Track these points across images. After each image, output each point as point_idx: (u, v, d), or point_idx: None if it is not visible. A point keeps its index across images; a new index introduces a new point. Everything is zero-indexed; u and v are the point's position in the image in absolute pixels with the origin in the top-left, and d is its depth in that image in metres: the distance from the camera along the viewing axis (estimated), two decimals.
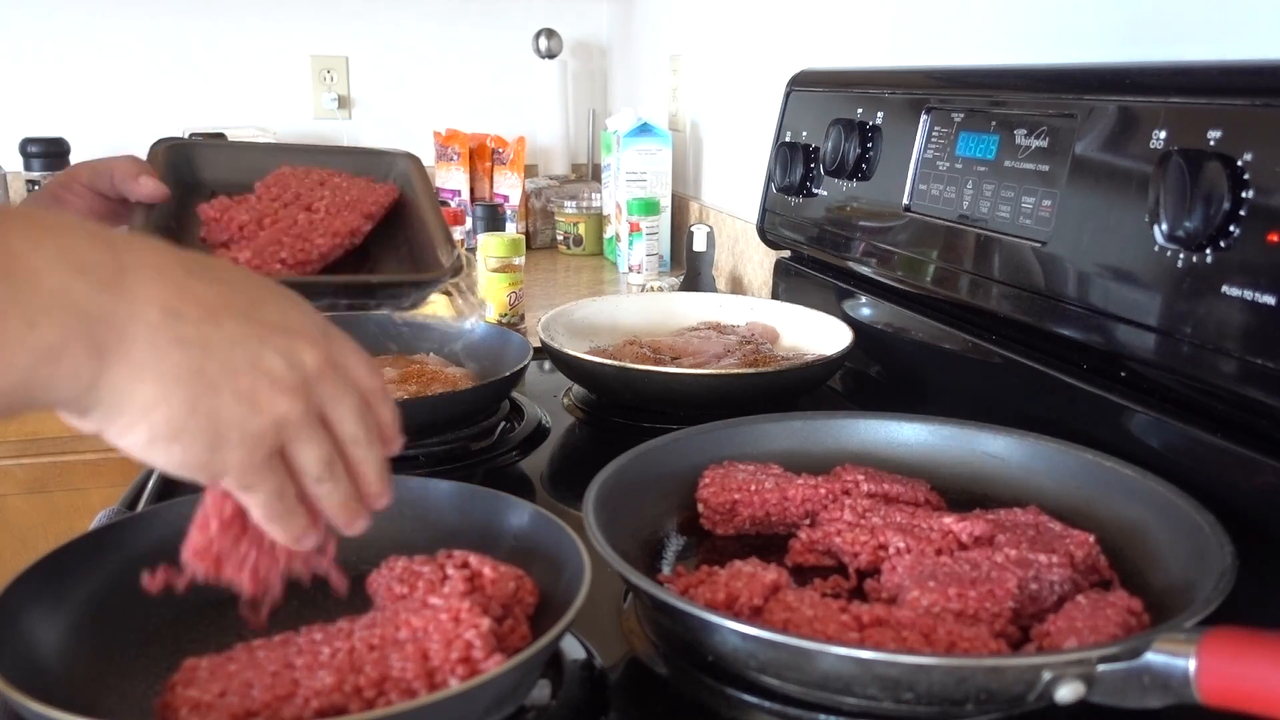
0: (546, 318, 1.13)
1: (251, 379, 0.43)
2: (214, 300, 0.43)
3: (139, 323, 0.40)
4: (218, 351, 0.42)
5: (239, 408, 0.43)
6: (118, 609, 0.60)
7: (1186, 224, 0.65)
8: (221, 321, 0.43)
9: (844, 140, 1.09)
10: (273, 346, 0.45)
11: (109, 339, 0.39)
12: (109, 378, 0.40)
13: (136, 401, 0.40)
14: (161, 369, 0.41)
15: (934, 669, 0.49)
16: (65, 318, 0.38)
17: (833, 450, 0.80)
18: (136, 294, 0.40)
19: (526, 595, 0.60)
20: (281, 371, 0.45)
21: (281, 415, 0.44)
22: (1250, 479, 0.65)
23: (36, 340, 0.37)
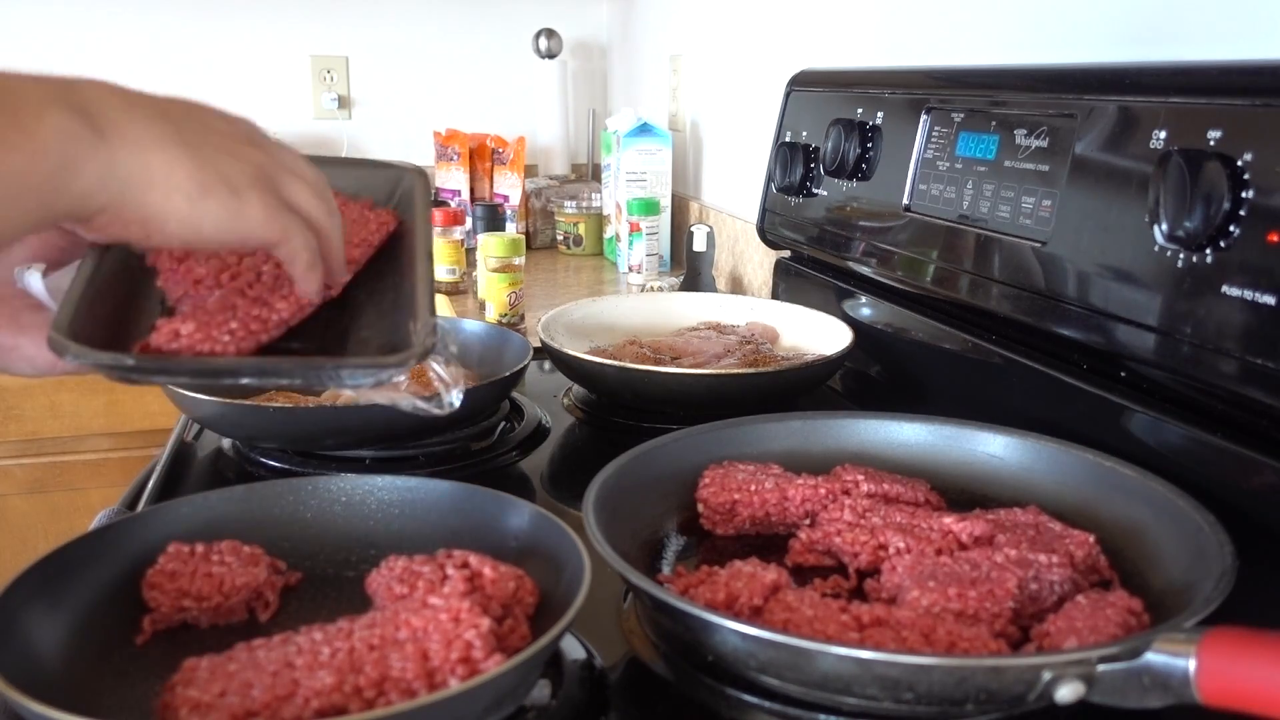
0: (546, 318, 1.13)
1: (218, 138, 0.49)
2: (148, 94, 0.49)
3: (112, 110, 0.45)
4: (181, 122, 0.47)
5: (226, 159, 0.48)
6: (118, 609, 0.60)
7: (1186, 224, 0.65)
8: (167, 103, 0.48)
9: (844, 140, 1.09)
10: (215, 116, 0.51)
11: (100, 121, 0.44)
12: (120, 155, 0.44)
13: (154, 170, 0.45)
14: (156, 139, 0.45)
15: (934, 669, 0.49)
16: (62, 108, 0.43)
17: (833, 450, 0.80)
18: (94, 91, 0.45)
19: (526, 595, 0.60)
20: (235, 132, 0.50)
21: (260, 161, 0.50)
22: (1250, 479, 0.65)
23: (53, 123, 0.42)
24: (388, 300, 0.60)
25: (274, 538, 0.68)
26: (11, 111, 0.42)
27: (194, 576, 0.62)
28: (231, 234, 0.48)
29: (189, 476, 0.91)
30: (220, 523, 0.67)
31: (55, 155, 0.42)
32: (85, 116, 0.44)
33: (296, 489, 0.71)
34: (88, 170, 0.44)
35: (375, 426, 0.90)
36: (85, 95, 0.45)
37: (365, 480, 0.71)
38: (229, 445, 0.97)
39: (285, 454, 0.93)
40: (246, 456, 0.94)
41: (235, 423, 0.91)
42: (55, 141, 0.42)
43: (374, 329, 0.59)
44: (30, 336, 0.56)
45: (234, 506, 0.69)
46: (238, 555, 0.64)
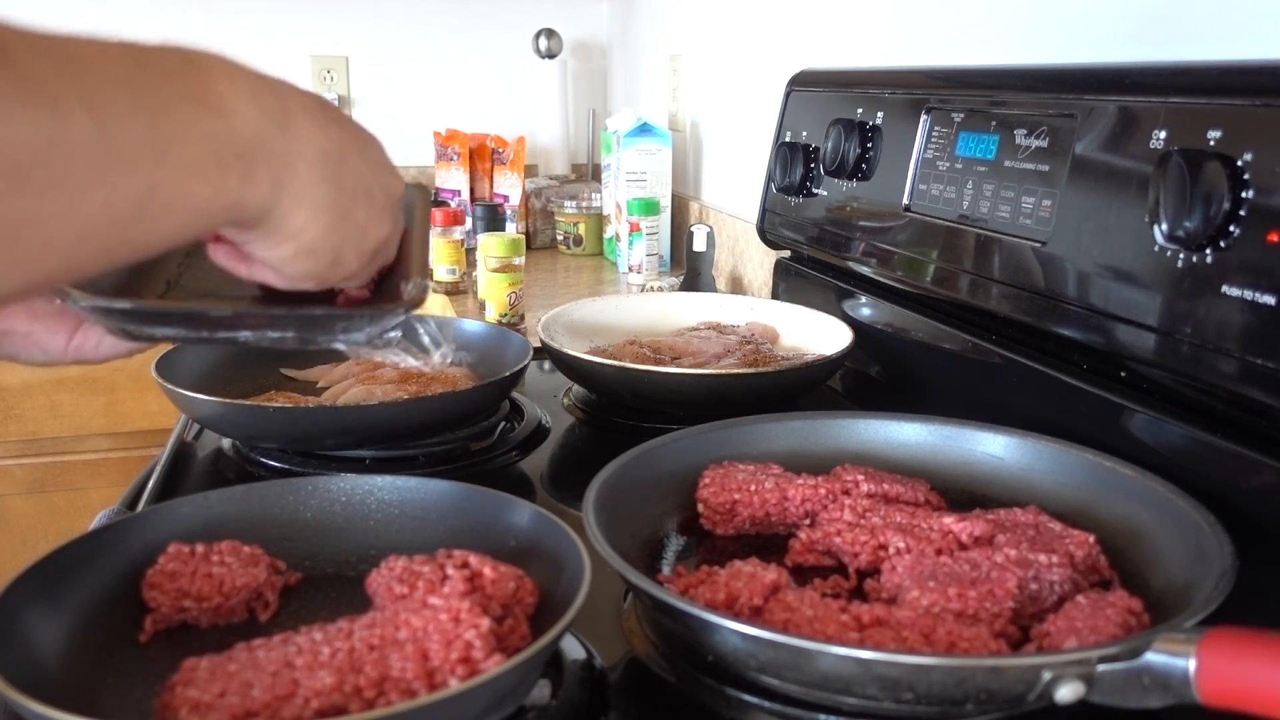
0: (546, 318, 1.13)
1: (366, 213, 0.52)
2: (346, 141, 0.51)
3: (301, 161, 0.47)
4: (349, 189, 0.50)
5: (357, 235, 0.52)
6: (118, 609, 0.60)
7: (1186, 224, 0.65)
8: (351, 161, 0.51)
9: (844, 140, 1.09)
10: (378, 184, 0.53)
11: (284, 172, 0.46)
12: (281, 204, 0.47)
13: (292, 224, 0.48)
14: (314, 200, 0.48)
15: (934, 669, 0.49)
16: (258, 154, 0.44)
17: (833, 450, 0.80)
18: (299, 134, 0.47)
19: (526, 595, 0.60)
20: (385, 204, 0.54)
21: (382, 236, 0.54)
22: (1250, 479, 0.65)
23: (245, 169, 0.44)
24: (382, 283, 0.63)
25: (274, 538, 0.68)
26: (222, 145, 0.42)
27: (194, 576, 0.62)
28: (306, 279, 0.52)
29: (189, 476, 0.91)
30: (220, 523, 0.67)
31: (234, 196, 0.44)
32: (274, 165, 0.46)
33: (296, 489, 0.71)
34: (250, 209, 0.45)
35: (375, 426, 0.90)
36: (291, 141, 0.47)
37: (365, 480, 0.71)
38: (229, 445, 0.97)
39: (285, 454, 0.93)
40: (246, 456, 0.94)
41: (235, 423, 0.91)
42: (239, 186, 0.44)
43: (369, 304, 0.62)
44: (44, 323, 0.58)
45: (234, 506, 0.69)
46: (238, 555, 0.64)
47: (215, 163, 0.42)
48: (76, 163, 0.36)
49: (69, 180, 0.36)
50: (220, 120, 0.43)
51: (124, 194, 0.39)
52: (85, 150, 0.36)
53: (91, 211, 0.38)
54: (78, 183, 0.37)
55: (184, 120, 0.41)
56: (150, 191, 0.39)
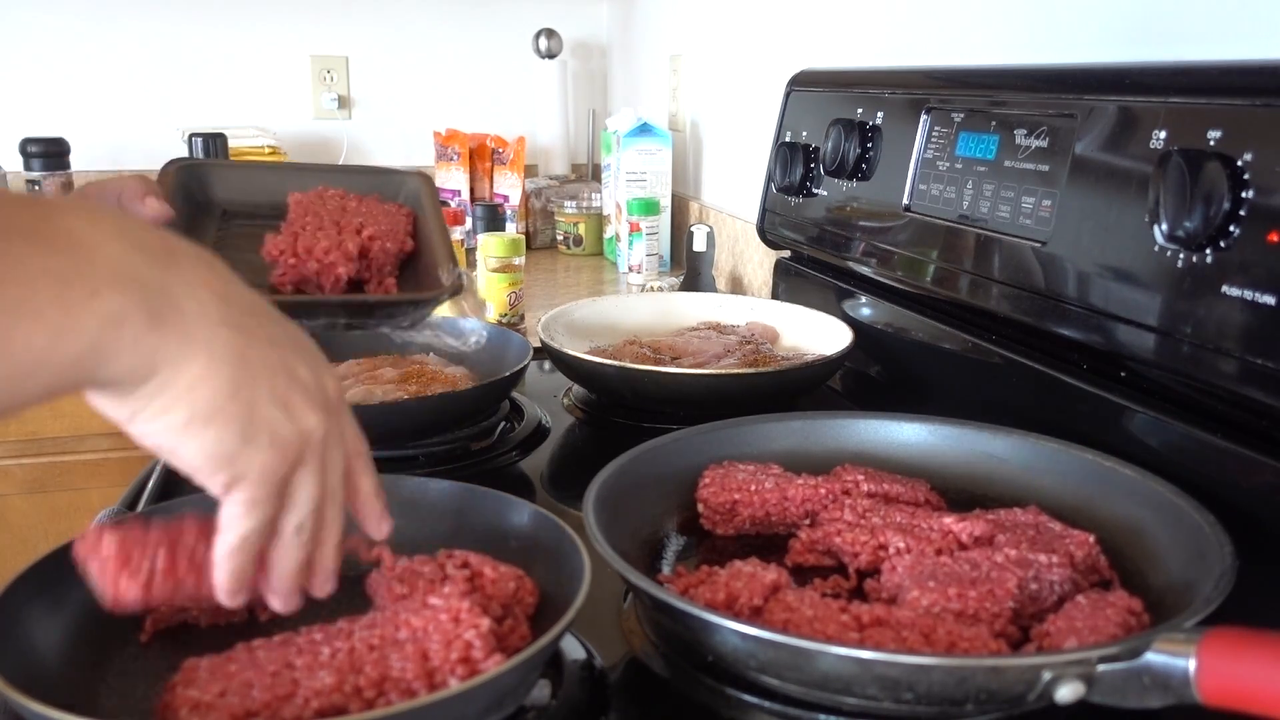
0: (546, 318, 1.13)
1: (287, 382, 0.44)
2: (253, 301, 0.44)
3: (191, 300, 0.40)
4: (259, 345, 0.42)
5: (273, 408, 0.43)
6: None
7: (1186, 224, 0.65)
8: (262, 321, 0.43)
9: (844, 140, 1.09)
10: (304, 362, 0.45)
11: (165, 310, 0.39)
12: (164, 350, 0.39)
13: (184, 377, 0.40)
14: (211, 346, 0.40)
15: (934, 669, 0.49)
16: (126, 287, 0.38)
17: (833, 450, 0.80)
18: (187, 274, 0.41)
19: (526, 595, 0.60)
20: (312, 387, 0.45)
21: (309, 429, 0.45)
22: (1250, 479, 0.65)
23: (101, 306, 0.37)
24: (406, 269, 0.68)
25: None
26: (62, 281, 0.36)
27: None
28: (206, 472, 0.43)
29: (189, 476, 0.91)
30: None
31: (88, 340, 0.37)
32: (151, 302, 0.39)
33: None
34: (121, 361, 0.38)
35: (375, 426, 0.89)
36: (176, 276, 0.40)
37: None
38: None
39: None
40: None
41: None
42: (96, 328, 0.37)
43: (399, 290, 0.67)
44: None
45: None
46: None
47: (55, 303, 0.36)
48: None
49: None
50: (64, 255, 0.37)
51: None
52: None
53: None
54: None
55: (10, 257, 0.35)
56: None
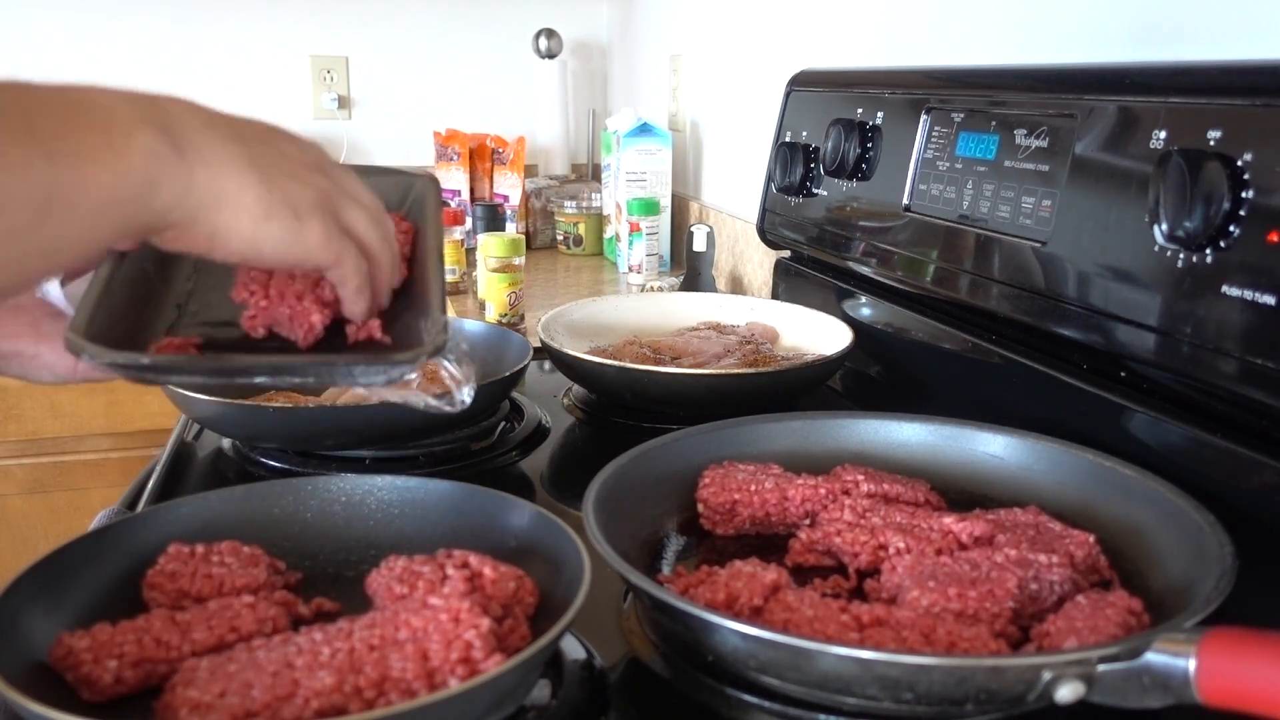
0: (546, 318, 1.13)
1: (287, 162, 0.51)
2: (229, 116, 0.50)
3: (193, 130, 0.47)
4: (255, 145, 0.49)
5: (293, 183, 0.50)
6: (118, 609, 0.60)
7: (1186, 224, 0.65)
8: (243, 125, 0.50)
9: (844, 140, 1.09)
10: (288, 140, 0.53)
11: (182, 142, 0.46)
12: (197, 175, 0.46)
13: (227, 192, 0.47)
14: (231, 161, 0.47)
15: (934, 669, 0.49)
16: (147, 128, 0.44)
17: (833, 450, 0.80)
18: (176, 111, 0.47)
19: (526, 595, 0.60)
20: (303, 157, 0.52)
21: (324, 187, 0.52)
22: (1250, 479, 0.65)
23: (139, 145, 0.44)
24: (399, 301, 0.61)
25: (274, 538, 0.68)
26: (104, 129, 0.43)
27: (194, 577, 0.62)
28: (290, 255, 0.51)
29: (189, 476, 0.91)
30: (220, 523, 0.67)
31: (141, 173, 0.44)
32: (169, 136, 0.45)
33: (296, 489, 0.71)
34: (168, 188, 0.45)
35: (375, 426, 0.90)
36: (170, 114, 0.47)
37: (365, 480, 0.71)
38: (229, 445, 0.97)
39: (285, 454, 0.93)
40: (246, 456, 0.94)
41: (235, 423, 0.91)
42: (142, 161, 0.44)
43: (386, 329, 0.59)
44: (50, 344, 0.58)
45: (234, 506, 0.69)
46: (237, 555, 0.64)
47: (107, 147, 0.43)
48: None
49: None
50: (95, 113, 0.43)
51: (19, 200, 0.39)
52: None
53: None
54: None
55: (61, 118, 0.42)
56: (48, 191, 0.40)
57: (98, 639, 0.54)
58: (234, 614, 0.58)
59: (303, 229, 0.50)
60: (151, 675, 0.54)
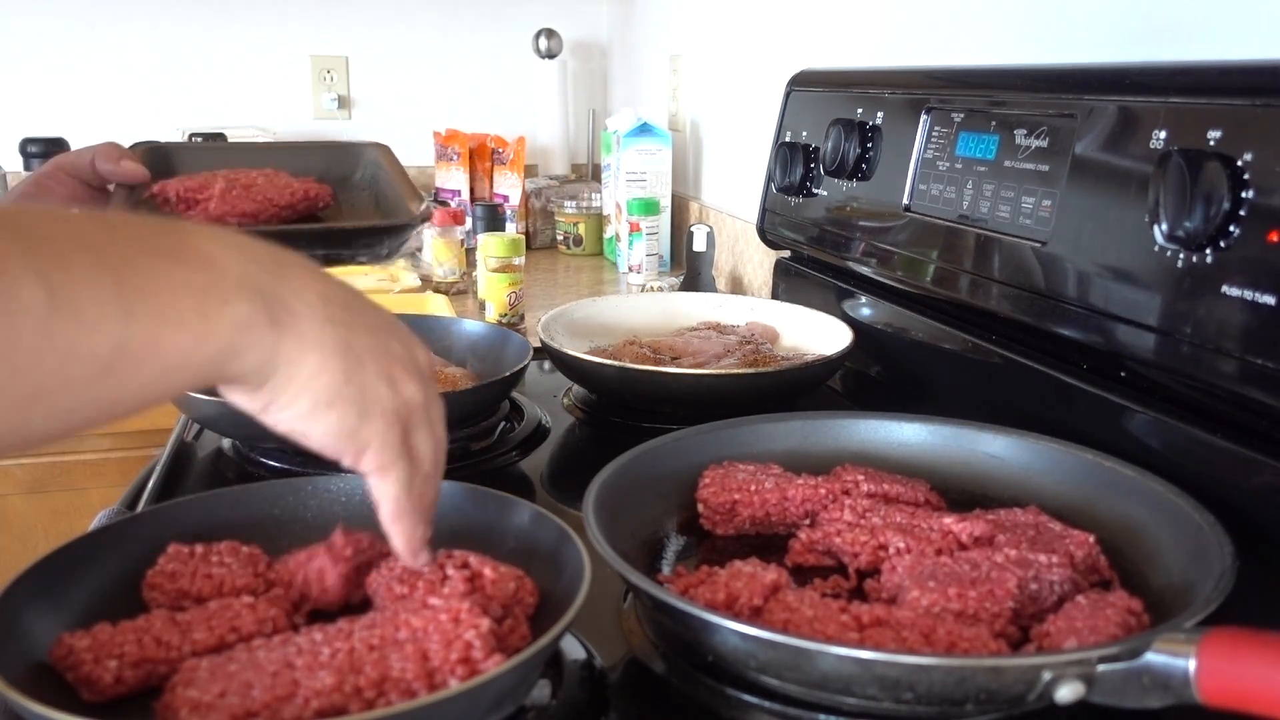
0: (546, 318, 1.13)
1: (387, 361, 0.50)
2: (351, 295, 0.50)
3: (301, 303, 0.46)
4: (360, 333, 0.49)
5: (380, 385, 0.50)
6: (118, 609, 0.60)
7: (1186, 224, 0.65)
8: (359, 312, 0.50)
9: (844, 140, 1.09)
10: (398, 339, 0.52)
11: (281, 314, 0.45)
12: (283, 348, 0.46)
13: (304, 370, 0.47)
14: (322, 342, 0.47)
15: (934, 669, 0.49)
16: (250, 295, 0.44)
17: (833, 450, 0.80)
18: (295, 281, 0.47)
19: (526, 595, 0.60)
20: (407, 360, 0.52)
21: (412, 396, 0.51)
22: (1250, 479, 0.65)
23: (231, 313, 0.43)
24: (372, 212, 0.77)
25: (274, 538, 0.68)
26: (199, 292, 0.42)
27: (194, 577, 0.62)
28: (335, 448, 0.50)
29: (189, 476, 0.91)
30: (220, 523, 0.67)
31: (224, 341, 0.43)
32: (269, 304, 0.45)
33: (296, 489, 0.71)
34: (250, 357, 0.45)
35: None
36: (283, 279, 0.46)
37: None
38: (229, 445, 0.97)
39: (285, 454, 0.93)
40: (246, 456, 0.94)
41: (235, 423, 0.91)
42: (230, 330, 0.43)
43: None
44: None
45: (234, 506, 0.69)
46: (237, 555, 0.64)
47: (196, 311, 0.42)
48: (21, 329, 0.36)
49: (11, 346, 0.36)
50: (199, 271, 0.42)
51: (83, 354, 0.38)
52: (32, 316, 0.36)
53: (40, 376, 0.37)
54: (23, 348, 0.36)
55: (155, 273, 0.41)
56: (117, 348, 0.39)
57: (98, 639, 0.54)
58: (234, 614, 0.58)
59: (362, 426, 0.49)
60: (151, 675, 0.54)
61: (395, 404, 0.50)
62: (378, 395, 0.50)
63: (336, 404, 0.48)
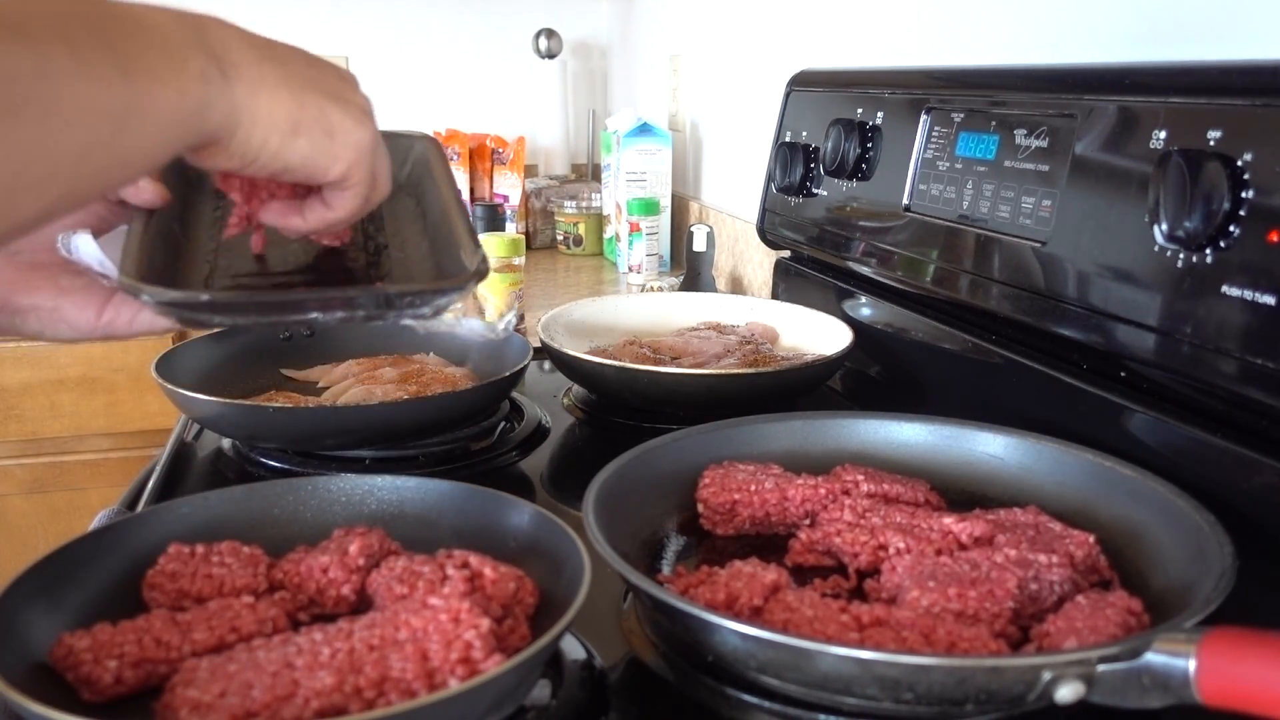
0: (546, 318, 1.13)
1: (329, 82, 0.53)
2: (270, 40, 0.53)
3: (234, 52, 0.49)
4: (295, 65, 0.52)
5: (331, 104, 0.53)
6: (118, 609, 0.60)
7: (1186, 224, 0.65)
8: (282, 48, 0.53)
9: (844, 140, 1.09)
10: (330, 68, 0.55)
11: (225, 65, 0.48)
12: (237, 94, 0.49)
13: (260, 110, 0.50)
14: (264, 80, 0.50)
15: (934, 669, 0.49)
16: (198, 52, 0.47)
17: (833, 450, 0.80)
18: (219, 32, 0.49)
19: (526, 595, 0.60)
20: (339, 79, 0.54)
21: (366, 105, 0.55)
22: (1250, 479, 0.65)
23: (194, 68, 0.46)
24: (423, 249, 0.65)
25: (274, 538, 0.68)
26: (165, 52, 0.45)
27: (194, 577, 0.62)
28: (315, 169, 0.53)
29: (189, 476, 0.91)
30: (220, 523, 0.67)
31: (196, 95, 0.46)
32: (215, 59, 0.48)
33: (296, 489, 0.71)
34: (217, 108, 0.48)
35: (375, 426, 0.90)
36: (215, 36, 0.49)
37: (365, 480, 0.71)
38: (229, 445, 0.97)
39: (285, 454, 0.93)
40: (246, 456, 0.94)
41: (235, 423, 0.91)
42: (197, 83, 0.46)
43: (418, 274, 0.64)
44: (70, 299, 0.59)
45: (234, 506, 0.69)
46: (237, 556, 0.64)
47: (171, 69, 0.45)
48: (63, 90, 0.40)
49: (60, 105, 0.39)
50: (155, 35, 0.46)
51: (105, 111, 0.42)
52: (68, 78, 0.40)
53: (83, 132, 0.41)
54: (68, 107, 0.40)
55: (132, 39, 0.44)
56: (126, 106, 0.43)
57: (98, 639, 0.54)
58: (234, 614, 0.58)
59: (334, 144, 0.53)
60: (152, 675, 0.54)
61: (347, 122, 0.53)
62: (334, 115, 0.53)
63: (301, 129, 0.51)
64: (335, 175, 0.54)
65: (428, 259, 0.65)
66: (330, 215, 0.58)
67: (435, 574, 0.60)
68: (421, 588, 0.59)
